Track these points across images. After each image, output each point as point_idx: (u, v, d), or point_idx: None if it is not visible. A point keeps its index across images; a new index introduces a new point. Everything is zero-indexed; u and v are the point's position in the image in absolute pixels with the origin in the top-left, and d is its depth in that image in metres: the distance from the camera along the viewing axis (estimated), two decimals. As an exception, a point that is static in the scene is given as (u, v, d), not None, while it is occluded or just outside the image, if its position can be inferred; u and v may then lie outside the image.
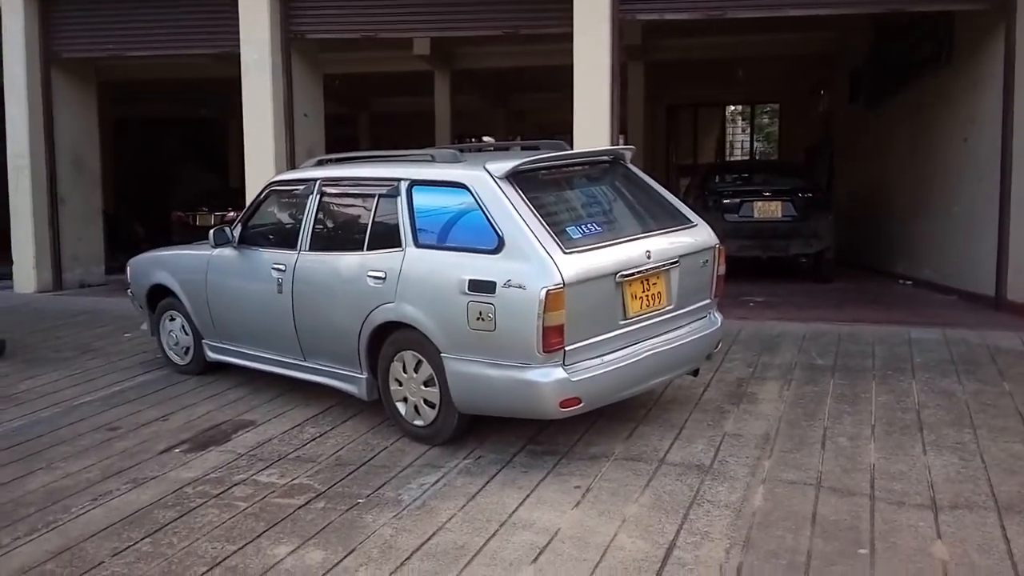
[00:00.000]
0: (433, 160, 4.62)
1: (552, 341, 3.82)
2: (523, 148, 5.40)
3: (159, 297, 5.99)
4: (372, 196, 4.65)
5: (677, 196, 5.18)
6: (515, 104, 20.68)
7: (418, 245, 4.33)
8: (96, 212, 10.72)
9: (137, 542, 3.45)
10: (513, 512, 3.59)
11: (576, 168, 4.73)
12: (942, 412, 4.73)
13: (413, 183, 4.48)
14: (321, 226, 4.96)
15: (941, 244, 9.28)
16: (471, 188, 4.19)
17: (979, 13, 7.92)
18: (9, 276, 9.99)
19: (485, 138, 20.85)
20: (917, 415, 4.69)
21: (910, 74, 10.45)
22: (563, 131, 7.78)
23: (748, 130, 25.84)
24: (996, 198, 7.68)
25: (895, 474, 3.88)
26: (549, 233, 3.97)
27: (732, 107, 25.36)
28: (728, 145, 25.23)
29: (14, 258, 9.89)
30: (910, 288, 9.65)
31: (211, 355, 5.70)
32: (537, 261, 3.86)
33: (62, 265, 10.14)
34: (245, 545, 3.39)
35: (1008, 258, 7.55)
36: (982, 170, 8.06)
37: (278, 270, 4.96)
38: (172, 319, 5.94)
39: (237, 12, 8.65)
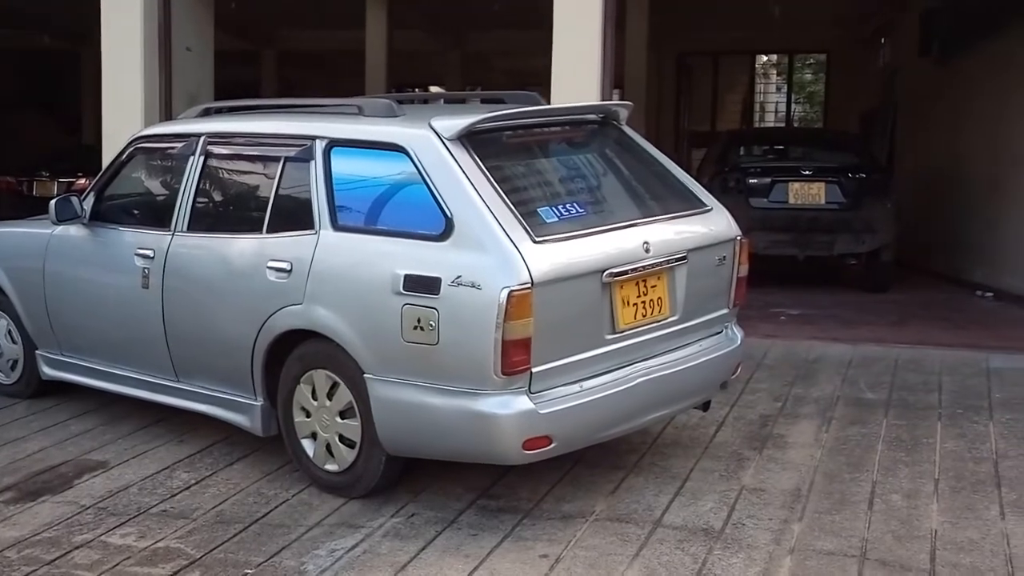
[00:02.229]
0: (361, 113, 4.64)
1: (515, 360, 3.84)
2: (484, 102, 5.43)
3: (-25, 291, 5.93)
4: (276, 160, 4.66)
5: (690, 173, 5.25)
6: (475, 44, 20.73)
7: (337, 227, 4.34)
8: None
9: (-61, 624, 3.41)
10: (456, 589, 3.62)
11: (553, 129, 4.77)
12: (1027, 464, 4.86)
13: (332, 144, 4.48)
14: (205, 199, 4.95)
15: (1033, 245, 9.49)
16: (411, 152, 4.20)
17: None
18: None
19: (433, 88, 20.89)
20: (994, 467, 4.80)
21: (999, 17, 10.67)
22: (543, 82, 7.81)
23: (785, 88, 26.17)
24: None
25: (963, 544, 3.96)
26: (514, 214, 3.99)
27: (765, 58, 25.68)
28: (758, 107, 25.55)
29: None
30: (992, 302, 9.85)
31: (48, 371, 5.65)
32: (497, 252, 3.89)
33: None
34: (89, 629, 3.37)
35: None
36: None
37: (144, 257, 4.94)
38: (-6, 321, 5.89)
39: (96, -95, 8.56)
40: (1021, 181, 9.81)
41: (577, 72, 7.72)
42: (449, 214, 4.02)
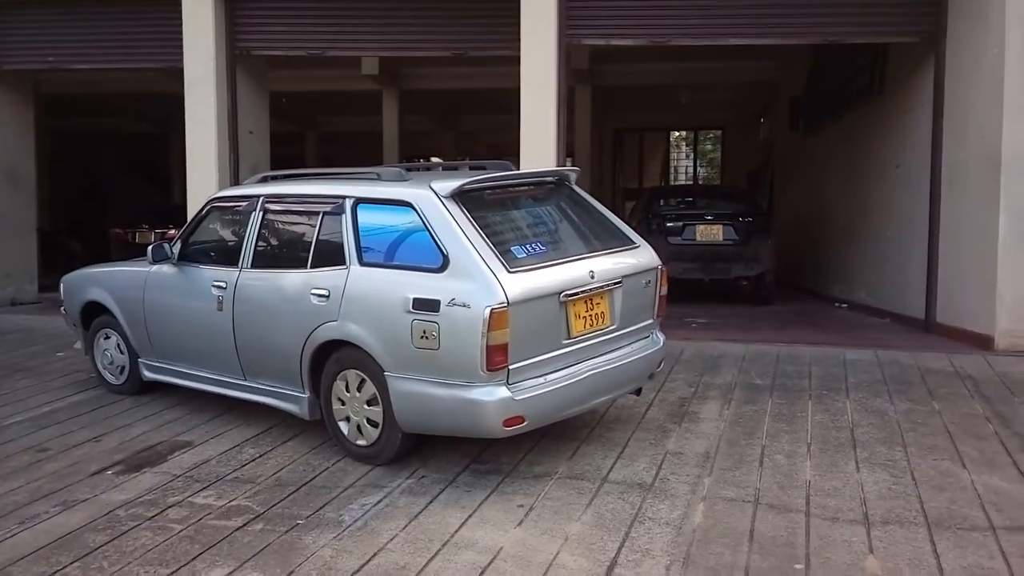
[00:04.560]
0: (379, 178, 4.62)
1: (496, 360, 3.83)
2: (471, 168, 5.42)
3: (94, 315, 5.84)
4: (316, 213, 4.62)
5: (623, 219, 5.25)
6: (464, 125, 20.80)
7: (362, 263, 4.31)
8: (30, 228, 10.43)
9: (66, 566, 3.33)
10: (456, 532, 3.58)
11: (521, 188, 4.77)
12: (875, 430, 4.86)
13: (358, 201, 4.46)
14: (264, 243, 4.90)
15: (875, 268, 9.58)
16: (416, 206, 4.19)
17: (910, 45, 8.25)
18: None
19: (433, 159, 20.89)
20: (851, 433, 4.81)
21: (845, 103, 10.82)
22: (514, 152, 7.84)
23: (692, 155, 26.35)
24: (925, 223, 7.97)
25: (829, 491, 3.97)
26: (494, 252, 3.98)
27: (676, 133, 25.84)
28: (673, 169, 25.70)
29: (-58, 274, 9.53)
30: (846, 311, 9.92)
31: (147, 374, 5.56)
32: (482, 280, 3.87)
33: (-7, 282, 9.82)
34: (179, 568, 3.30)
35: (937, 282, 7.83)
36: (912, 196, 8.37)
37: (219, 287, 4.89)
38: (107, 337, 5.78)
39: (181, 26, 8.54)
40: (866, 221, 9.91)
41: (539, 145, 7.78)
42: (445, 252, 4.01)
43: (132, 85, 13.62)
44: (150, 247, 5.32)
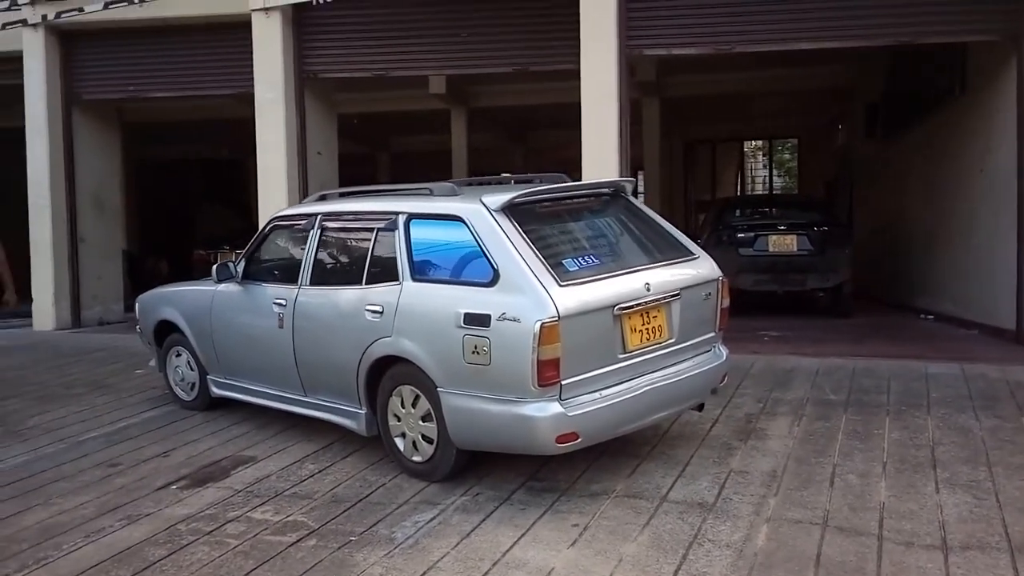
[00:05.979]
0: (431, 194, 4.61)
1: (547, 375, 3.74)
2: (517, 182, 5.31)
3: (166, 333, 6.00)
4: (371, 230, 4.64)
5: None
6: (532, 141, 20.79)
7: (415, 279, 4.30)
8: (116, 251, 10.89)
9: (123, 580, 3.39)
10: (507, 551, 3.50)
11: (574, 200, 4.68)
12: (957, 449, 4.57)
13: (411, 217, 4.46)
14: (322, 260, 4.95)
15: (961, 277, 9.10)
16: (467, 221, 4.16)
17: (991, 44, 7.84)
18: (29, 314, 10.12)
19: (503, 174, 20.96)
20: (931, 452, 4.53)
21: (925, 106, 10.38)
22: (579, 167, 7.77)
23: (767, 165, 25.72)
24: (1014, 229, 7.53)
25: (905, 513, 3.74)
26: (544, 265, 3.91)
27: (752, 143, 25.28)
28: (750, 180, 25.13)
29: (34, 296, 10.01)
30: (931, 323, 9.45)
31: (215, 391, 5.68)
32: (532, 294, 3.81)
33: (81, 303, 10.27)
34: (231, 584, 3.32)
35: (1028, 291, 7.37)
36: (999, 201, 7.93)
37: (279, 305, 4.95)
38: (178, 355, 5.94)
39: (252, 53, 8.80)
40: (950, 228, 9.44)
41: (601, 158, 7.70)
42: (496, 266, 3.96)
43: (211, 112, 14.12)
44: (215, 266, 5.46)
